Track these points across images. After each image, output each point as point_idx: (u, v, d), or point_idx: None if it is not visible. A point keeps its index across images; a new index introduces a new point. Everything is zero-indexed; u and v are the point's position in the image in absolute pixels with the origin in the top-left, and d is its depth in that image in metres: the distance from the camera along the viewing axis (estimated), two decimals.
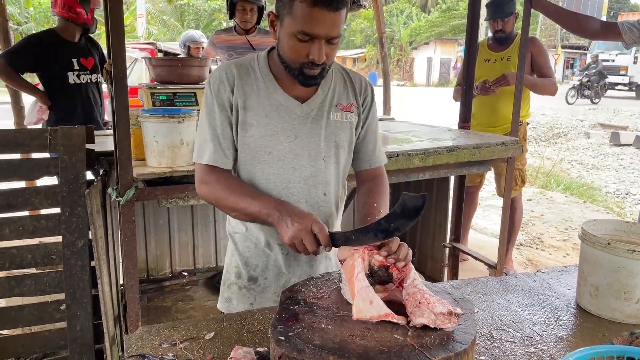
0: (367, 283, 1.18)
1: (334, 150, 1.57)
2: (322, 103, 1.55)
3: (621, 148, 10.47)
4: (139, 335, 1.32)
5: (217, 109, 1.51)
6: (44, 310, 2.61)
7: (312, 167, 1.54)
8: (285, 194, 1.53)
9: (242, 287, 1.66)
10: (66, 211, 2.53)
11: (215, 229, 3.82)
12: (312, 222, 1.32)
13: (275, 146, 1.51)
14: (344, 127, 1.57)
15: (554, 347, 1.31)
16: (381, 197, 1.59)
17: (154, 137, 2.25)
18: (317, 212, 1.56)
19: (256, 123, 1.50)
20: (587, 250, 1.48)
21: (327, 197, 1.59)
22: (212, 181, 1.51)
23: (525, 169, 4.01)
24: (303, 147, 1.52)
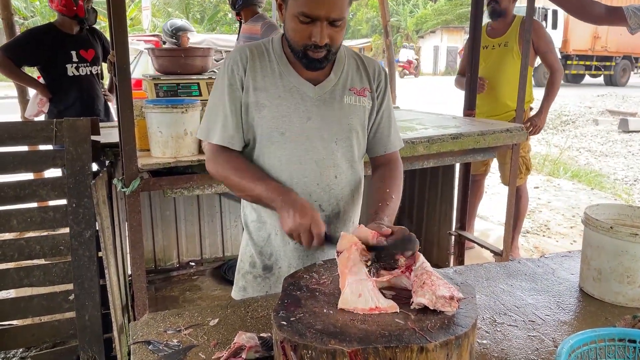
0: (364, 275, 1.18)
1: (347, 134, 1.57)
2: (335, 86, 1.56)
3: (630, 135, 10.37)
4: (144, 322, 1.34)
5: (229, 90, 1.52)
6: (53, 300, 2.65)
7: (325, 149, 1.55)
8: (297, 175, 1.54)
9: (257, 276, 1.68)
10: (73, 202, 2.56)
11: (221, 219, 3.84)
12: (312, 221, 1.36)
13: (287, 127, 1.52)
14: (357, 111, 1.58)
15: (556, 330, 1.31)
16: (394, 182, 1.61)
17: (157, 128, 2.26)
18: (328, 194, 1.58)
19: (269, 104, 1.51)
20: (590, 234, 1.48)
21: (338, 180, 1.59)
22: (221, 161, 1.53)
23: (529, 156, 3.99)
24: (316, 129, 1.53)
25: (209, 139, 1.54)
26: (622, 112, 12.57)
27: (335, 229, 1.62)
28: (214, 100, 1.56)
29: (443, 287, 1.15)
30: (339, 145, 1.57)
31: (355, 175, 1.65)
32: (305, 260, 1.61)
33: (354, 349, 1.00)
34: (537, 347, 1.24)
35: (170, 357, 1.18)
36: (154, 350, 1.21)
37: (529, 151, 3.94)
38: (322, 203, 1.58)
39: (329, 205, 1.59)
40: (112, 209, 2.65)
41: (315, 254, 1.62)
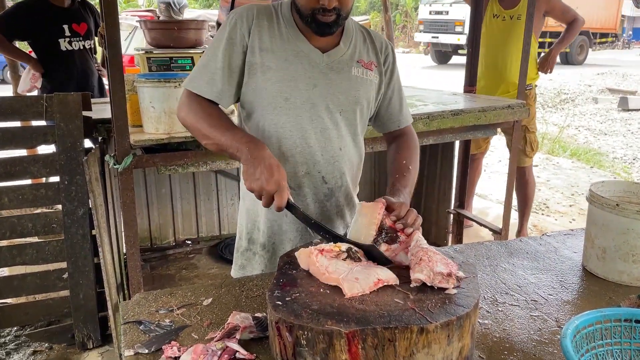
0: (346, 267, 1.14)
1: (352, 106, 1.52)
2: (343, 56, 1.50)
3: (629, 113, 10.29)
4: (135, 302, 1.30)
5: (226, 43, 1.44)
6: (47, 278, 2.62)
7: (329, 119, 1.50)
8: (301, 144, 1.49)
9: (256, 252, 1.63)
10: (65, 179, 2.51)
11: (218, 197, 3.79)
12: (279, 188, 1.27)
13: (292, 92, 1.45)
14: (365, 84, 1.52)
15: (559, 310, 1.28)
16: (410, 153, 1.59)
17: (150, 103, 2.19)
18: (332, 166, 1.53)
19: (275, 66, 1.44)
20: (595, 212, 1.43)
21: (343, 152, 1.54)
22: (195, 107, 1.42)
23: (536, 135, 3.85)
24: (321, 97, 1.47)
25: (193, 88, 1.44)
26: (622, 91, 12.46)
27: (338, 202, 1.58)
28: (208, 52, 1.47)
29: (441, 264, 1.13)
30: (343, 117, 1.51)
31: (358, 150, 1.61)
32: (304, 233, 1.57)
33: (351, 330, 0.96)
34: (540, 327, 1.20)
35: (161, 338, 1.15)
36: (145, 331, 1.18)
37: (535, 130, 3.82)
38: (325, 175, 1.53)
39: (333, 178, 1.54)
40: (106, 186, 2.59)
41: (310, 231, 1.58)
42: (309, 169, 1.51)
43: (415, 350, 0.98)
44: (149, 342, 1.13)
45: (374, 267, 1.17)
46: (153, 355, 1.09)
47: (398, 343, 0.97)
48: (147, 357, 1.09)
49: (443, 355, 1.00)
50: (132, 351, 1.10)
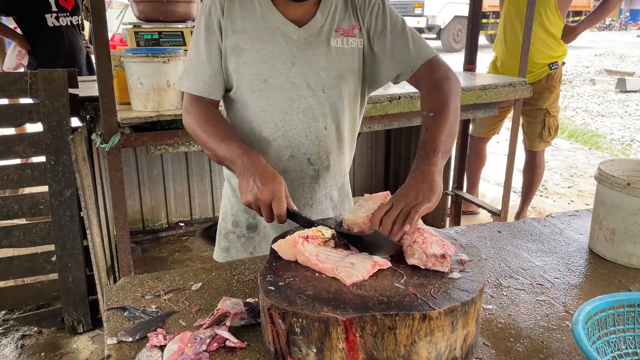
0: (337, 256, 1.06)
1: (336, 81, 1.42)
2: (321, 28, 1.39)
3: (627, 94, 10.22)
4: (120, 287, 1.23)
5: (205, 33, 1.37)
6: (35, 261, 2.55)
7: (312, 98, 1.40)
8: (282, 127, 1.41)
9: (241, 235, 1.56)
10: (51, 159, 2.42)
11: (211, 178, 3.71)
12: (274, 196, 1.17)
13: (270, 73, 1.37)
14: (347, 54, 1.41)
15: (567, 294, 1.22)
16: (433, 96, 1.32)
17: (138, 79, 2.10)
18: (317, 147, 1.44)
19: (250, 48, 1.36)
20: (604, 191, 1.37)
21: (329, 131, 1.45)
22: (193, 112, 1.38)
23: (558, 117, 3.62)
24: (301, 75, 1.38)
25: (183, 87, 1.41)
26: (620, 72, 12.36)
27: (325, 183, 1.50)
28: (191, 45, 1.42)
29: (436, 245, 1.06)
30: (327, 94, 1.42)
31: (348, 125, 1.50)
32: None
33: (349, 317, 0.89)
34: (547, 313, 1.14)
35: (147, 325, 1.08)
36: (130, 317, 1.11)
37: (558, 112, 3.61)
38: (311, 156, 1.45)
39: (319, 159, 1.46)
40: (94, 166, 2.51)
41: (304, 210, 1.50)
42: (293, 152, 1.43)
43: (417, 338, 0.91)
44: (133, 330, 1.06)
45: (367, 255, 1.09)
46: (137, 343, 1.03)
47: (399, 331, 0.90)
48: (130, 345, 1.02)
49: (447, 343, 0.94)
50: (115, 339, 1.04)
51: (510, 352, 1.01)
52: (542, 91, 3.42)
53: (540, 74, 3.44)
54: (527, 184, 3.78)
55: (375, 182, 4.02)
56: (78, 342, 2.55)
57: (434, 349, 0.93)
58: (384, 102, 2.50)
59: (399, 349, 0.91)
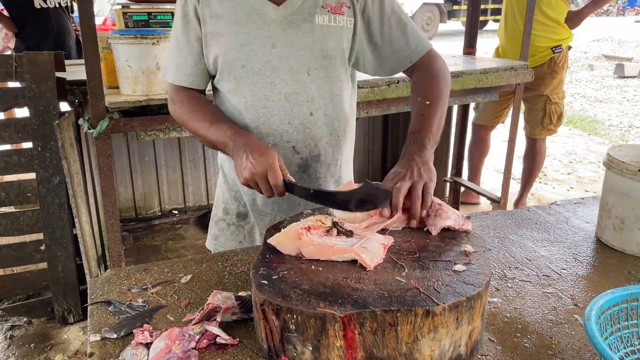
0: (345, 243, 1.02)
1: (322, 62, 1.33)
2: (302, 5, 1.30)
3: (625, 80, 10.15)
4: (105, 279, 1.17)
5: (182, 22, 1.32)
6: (23, 250, 2.48)
7: (295, 81, 1.32)
8: (264, 114, 1.33)
9: (231, 224, 1.50)
10: (38, 145, 2.34)
11: (205, 165, 3.64)
12: (269, 167, 1.14)
13: (249, 58, 1.29)
14: (333, 32, 1.32)
15: (575, 286, 1.16)
16: (427, 85, 1.33)
17: (126, 62, 2.02)
18: (303, 134, 1.36)
19: (227, 32, 1.28)
20: (613, 178, 1.31)
21: (315, 118, 1.36)
22: (178, 101, 1.35)
23: (563, 104, 3.50)
24: (282, 58, 1.30)
25: (166, 78, 1.37)
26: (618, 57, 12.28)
27: (317, 174, 1.42)
28: (171, 35, 1.37)
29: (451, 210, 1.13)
30: (312, 76, 1.33)
31: (338, 110, 1.41)
32: (281, 204, 1.43)
33: (347, 313, 0.83)
34: (555, 306, 1.09)
35: (133, 320, 1.02)
36: (115, 312, 1.05)
37: (562, 98, 3.49)
38: (296, 144, 1.37)
39: (305, 147, 1.38)
40: (82, 153, 2.44)
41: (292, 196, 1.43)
42: (276, 140, 1.35)
43: (419, 336, 0.86)
44: (118, 326, 1.00)
45: (369, 235, 1.04)
46: (122, 340, 0.97)
47: (400, 327, 0.85)
48: (115, 342, 0.96)
49: (451, 340, 0.88)
50: (99, 336, 0.98)
51: (517, 348, 0.96)
52: (543, 76, 3.32)
53: (542, 57, 3.34)
54: (526, 171, 3.72)
55: (372, 169, 3.95)
56: (69, 333, 2.49)
57: (437, 347, 0.87)
58: (382, 86, 2.43)
59: (400, 346, 0.86)
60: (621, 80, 10.21)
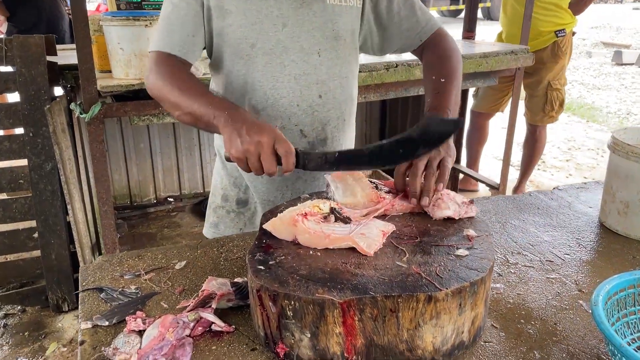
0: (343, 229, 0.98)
1: (332, 42, 1.29)
2: None
3: (623, 67, 10.11)
4: (97, 266, 1.14)
5: None
6: (16, 238, 2.45)
7: (305, 62, 1.28)
8: (272, 95, 1.28)
9: (230, 211, 1.47)
10: (30, 131, 2.30)
11: (200, 152, 3.60)
12: (276, 137, 1.03)
13: (259, 37, 1.24)
14: (344, 12, 1.29)
15: (579, 271, 1.13)
16: (442, 63, 1.30)
17: (118, 44, 1.97)
18: (311, 117, 1.32)
19: (235, 9, 1.23)
20: (618, 161, 1.28)
21: (323, 100, 1.32)
22: (160, 72, 1.20)
23: (564, 90, 3.44)
24: (293, 37, 1.25)
25: (154, 47, 1.24)
26: (616, 44, 12.22)
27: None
28: (164, 3, 1.26)
29: (458, 197, 1.09)
30: (322, 57, 1.29)
31: (346, 93, 1.38)
32: (285, 192, 1.39)
33: (346, 299, 0.80)
34: (559, 292, 1.06)
35: (125, 307, 0.99)
36: (107, 299, 1.02)
37: (564, 85, 3.44)
38: (304, 128, 1.33)
39: (313, 131, 1.34)
40: (75, 139, 2.39)
41: (296, 184, 1.40)
42: (284, 122, 1.31)
43: (421, 322, 0.83)
44: (110, 313, 0.97)
45: (368, 222, 1.01)
46: (114, 328, 0.94)
47: (401, 314, 0.82)
48: (107, 330, 0.93)
49: (454, 327, 0.85)
50: (90, 323, 0.95)
51: (521, 334, 0.93)
52: (546, 61, 3.27)
53: (545, 41, 3.27)
54: (526, 158, 3.68)
55: None
56: (63, 321, 2.47)
57: (439, 333, 0.84)
58: (380, 70, 2.38)
59: (401, 333, 0.83)
60: (619, 67, 10.17)
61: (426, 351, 0.85)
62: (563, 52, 3.33)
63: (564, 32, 3.28)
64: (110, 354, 0.86)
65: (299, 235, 0.96)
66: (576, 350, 0.90)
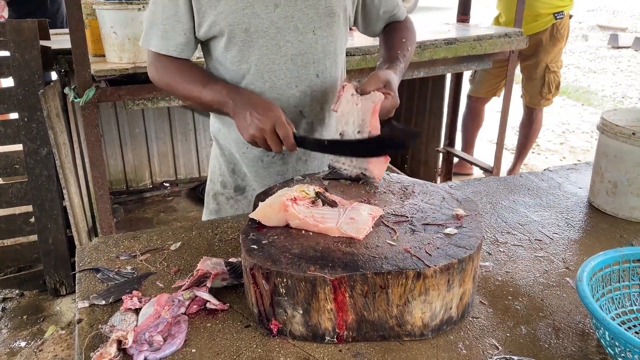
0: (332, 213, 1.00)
1: (327, 19, 1.29)
2: None
3: (619, 50, 10.09)
4: (93, 247, 1.15)
5: None
6: (13, 222, 2.46)
7: (301, 42, 1.28)
8: (269, 78, 1.29)
9: (230, 197, 1.47)
10: (24, 116, 2.30)
11: (195, 137, 3.60)
12: (276, 121, 1.13)
13: (251, 21, 1.24)
14: None
15: (567, 250, 1.16)
16: (410, 34, 1.41)
17: (111, 28, 1.96)
18: (310, 97, 1.34)
19: None
20: (607, 142, 1.29)
21: (320, 79, 1.34)
22: (162, 67, 1.28)
23: (560, 73, 3.46)
24: (287, 17, 1.25)
25: (149, 46, 1.28)
26: (612, 27, 12.18)
27: (321, 136, 1.40)
28: (153, 1, 1.26)
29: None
30: (318, 36, 1.30)
31: (339, 71, 1.40)
32: (286, 174, 1.40)
33: (337, 276, 0.83)
34: (546, 269, 1.08)
35: (121, 287, 1.01)
36: (103, 279, 1.04)
37: (560, 67, 3.45)
38: (303, 108, 1.34)
39: (312, 111, 1.36)
40: (70, 123, 2.39)
41: (297, 166, 1.41)
42: (282, 104, 1.31)
43: (410, 298, 0.85)
44: (107, 292, 0.99)
45: (355, 205, 1.03)
46: (111, 306, 0.96)
47: (391, 290, 0.84)
48: (104, 309, 0.95)
49: (442, 303, 0.88)
50: (87, 302, 0.97)
51: (509, 310, 0.96)
52: (545, 43, 3.26)
53: (544, 23, 3.26)
54: (522, 140, 3.70)
55: None
56: (61, 305, 2.49)
57: (428, 309, 0.87)
58: (374, 53, 2.38)
59: (391, 309, 0.85)
60: (615, 50, 10.15)
61: (415, 326, 0.87)
62: (561, 35, 3.33)
63: (562, 15, 3.28)
64: (107, 331, 0.88)
65: (290, 220, 0.97)
66: (562, 325, 0.92)
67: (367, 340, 0.87)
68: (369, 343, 0.86)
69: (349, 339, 0.87)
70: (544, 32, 3.26)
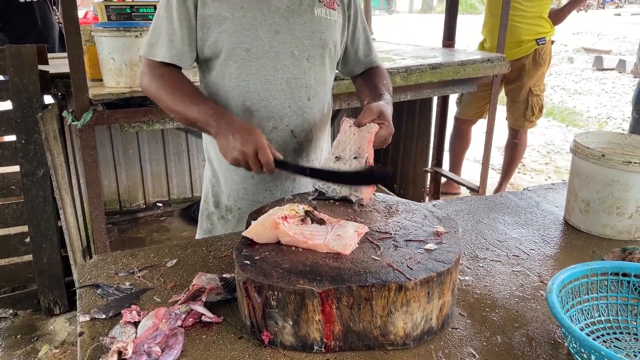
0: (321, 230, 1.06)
1: (320, 50, 1.41)
2: None
3: (604, 72, 10.34)
4: (93, 264, 1.21)
5: (177, 1, 1.32)
6: (8, 243, 2.50)
7: (296, 67, 1.39)
8: (266, 97, 1.38)
9: (222, 217, 1.54)
10: (22, 138, 2.35)
11: (189, 158, 3.66)
12: (258, 146, 1.19)
13: (253, 42, 1.34)
14: (330, 25, 1.41)
15: (542, 265, 1.23)
16: (387, 80, 1.53)
17: (109, 54, 2.04)
18: (301, 118, 1.43)
19: (231, 16, 1.32)
20: (579, 163, 1.38)
21: (311, 103, 1.44)
22: (156, 75, 1.34)
23: (543, 96, 3.58)
24: (285, 44, 1.36)
25: (153, 56, 1.35)
26: (597, 50, 12.49)
27: (308, 157, 1.49)
28: (161, 11, 1.36)
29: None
30: (311, 64, 1.40)
31: (326, 98, 1.50)
32: (274, 191, 1.48)
33: (325, 289, 0.89)
34: (522, 283, 1.15)
35: (120, 302, 1.06)
36: (103, 295, 1.09)
37: (543, 91, 3.58)
38: (294, 128, 1.43)
39: (302, 131, 1.45)
40: (66, 145, 2.45)
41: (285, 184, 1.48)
42: (276, 123, 1.41)
43: (393, 309, 0.91)
44: (107, 307, 1.05)
45: (342, 223, 1.09)
46: (111, 320, 1.01)
47: (375, 302, 0.90)
48: (104, 322, 1.00)
49: (423, 314, 0.94)
50: (88, 317, 1.02)
51: (486, 321, 1.02)
52: (528, 68, 3.40)
53: (527, 49, 3.40)
54: (507, 161, 3.81)
55: None
56: (55, 324, 2.51)
57: (410, 320, 0.93)
58: None
59: (375, 320, 0.91)
60: (600, 72, 10.40)
61: (398, 336, 0.93)
62: (544, 60, 3.46)
63: (544, 41, 3.41)
64: (108, 343, 0.93)
65: (281, 237, 1.03)
66: (535, 334, 0.99)
67: (353, 350, 0.92)
68: (354, 352, 0.92)
69: (336, 348, 0.92)
70: (526, 57, 3.39)
